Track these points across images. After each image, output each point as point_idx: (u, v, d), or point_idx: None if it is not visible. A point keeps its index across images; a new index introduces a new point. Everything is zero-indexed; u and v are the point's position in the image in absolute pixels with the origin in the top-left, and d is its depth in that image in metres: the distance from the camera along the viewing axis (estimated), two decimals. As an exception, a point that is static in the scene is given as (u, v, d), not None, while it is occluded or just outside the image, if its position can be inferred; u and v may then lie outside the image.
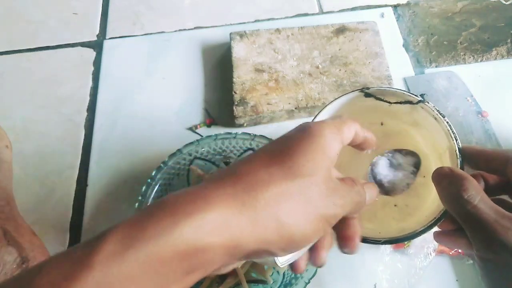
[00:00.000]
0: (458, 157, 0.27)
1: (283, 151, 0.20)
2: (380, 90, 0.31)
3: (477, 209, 0.22)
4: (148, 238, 0.16)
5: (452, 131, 0.29)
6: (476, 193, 0.23)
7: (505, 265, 0.22)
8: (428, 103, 0.30)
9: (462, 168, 0.27)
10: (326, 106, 0.32)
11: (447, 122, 0.29)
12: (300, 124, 0.22)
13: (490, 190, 0.25)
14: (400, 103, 0.31)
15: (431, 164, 0.35)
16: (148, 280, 0.16)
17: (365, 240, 0.28)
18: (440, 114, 0.30)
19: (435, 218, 0.26)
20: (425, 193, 0.34)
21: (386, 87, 0.31)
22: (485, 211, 0.22)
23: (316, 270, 0.34)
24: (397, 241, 0.27)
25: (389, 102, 0.32)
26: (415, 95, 0.31)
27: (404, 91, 0.31)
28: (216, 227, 0.17)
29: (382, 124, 0.36)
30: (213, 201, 0.17)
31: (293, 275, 0.35)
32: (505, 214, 0.22)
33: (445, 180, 0.25)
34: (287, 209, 0.18)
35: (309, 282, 0.34)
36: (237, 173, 0.19)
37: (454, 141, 0.28)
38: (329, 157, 0.21)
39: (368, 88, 0.31)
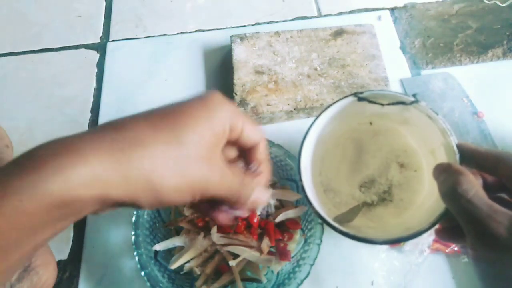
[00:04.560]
0: (456, 152, 0.28)
1: (175, 117, 0.21)
2: (373, 94, 0.32)
3: (471, 203, 0.23)
4: (11, 193, 0.16)
5: (448, 128, 0.30)
6: (470, 187, 0.24)
7: (496, 258, 0.23)
8: (421, 102, 0.31)
9: (461, 163, 0.28)
10: (323, 112, 0.33)
11: (442, 120, 0.30)
12: (203, 94, 0.23)
13: (488, 188, 0.26)
14: (393, 104, 0.32)
15: (421, 159, 0.36)
16: (16, 231, 0.17)
17: (372, 241, 0.28)
18: (434, 112, 0.30)
19: (439, 215, 0.27)
20: (418, 186, 0.35)
21: (378, 90, 0.32)
22: (478, 205, 0.23)
23: (309, 271, 0.35)
24: (404, 239, 0.28)
25: (382, 104, 0.33)
26: (408, 96, 0.31)
27: (396, 93, 0.32)
28: (86, 181, 0.17)
29: (371, 123, 0.37)
30: (86, 155, 0.18)
31: (286, 275, 0.36)
32: (498, 209, 0.22)
33: (442, 175, 0.26)
34: (160, 172, 0.19)
35: (301, 283, 0.34)
36: (118, 128, 0.19)
37: (451, 137, 0.29)
38: (216, 135, 0.22)
39: (361, 93, 0.32)
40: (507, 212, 0.22)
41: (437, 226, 0.28)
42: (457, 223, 0.25)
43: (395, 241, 0.28)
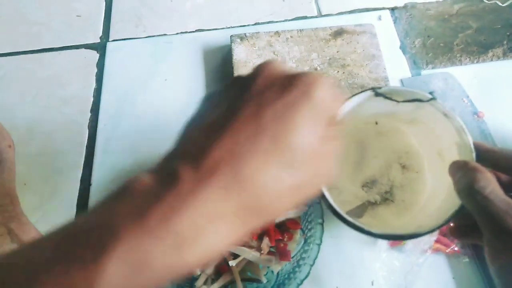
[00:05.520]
0: (473, 151, 0.28)
1: (286, 143, 0.18)
2: (390, 90, 0.32)
3: (488, 200, 0.23)
4: (153, 269, 0.16)
5: (464, 127, 0.29)
6: (487, 184, 0.24)
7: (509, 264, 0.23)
8: (438, 100, 0.31)
9: (477, 161, 0.28)
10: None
11: (459, 118, 0.30)
12: (302, 80, 0.19)
13: (503, 188, 0.26)
14: (408, 101, 0.32)
15: (423, 160, 0.36)
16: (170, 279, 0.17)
17: (383, 236, 0.28)
18: (451, 110, 0.30)
19: (454, 211, 0.27)
20: (419, 188, 0.35)
21: (396, 86, 0.32)
22: (495, 202, 0.23)
23: (309, 272, 0.35)
24: (418, 236, 0.28)
25: (397, 101, 0.33)
26: (425, 93, 0.31)
27: (414, 90, 0.32)
28: (228, 242, 0.18)
29: (376, 123, 0.37)
30: (226, 222, 0.18)
31: (286, 275, 0.36)
32: None
33: (459, 172, 0.26)
34: (277, 206, 0.19)
35: (301, 283, 0.34)
36: (243, 186, 0.18)
37: (468, 136, 0.29)
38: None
39: (379, 88, 0.32)
40: None
41: (449, 224, 0.28)
42: (471, 221, 0.25)
43: (412, 237, 0.28)
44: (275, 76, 0.20)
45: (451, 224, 0.28)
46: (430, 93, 0.31)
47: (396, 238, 0.28)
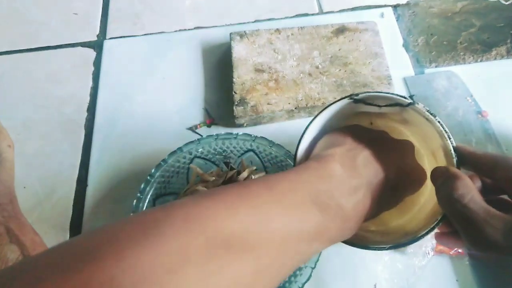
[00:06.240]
0: (454, 156, 0.28)
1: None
2: (369, 96, 0.31)
3: (467, 208, 0.23)
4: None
5: (445, 131, 0.29)
6: (466, 192, 0.23)
7: (492, 262, 0.23)
8: (418, 104, 0.30)
9: (458, 167, 0.27)
10: (318, 114, 0.32)
11: (439, 122, 0.29)
12: None
13: (489, 191, 0.26)
14: (390, 105, 0.31)
15: (424, 159, 0.35)
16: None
17: (369, 247, 0.28)
18: (432, 114, 0.29)
19: (437, 219, 0.26)
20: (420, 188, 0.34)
21: (374, 92, 0.31)
22: (474, 210, 0.23)
23: (310, 274, 0.34)
24: (401, 245, 0.27)
25: (379, 106, 0.32)
26: (405, 98, 0.30)
27: (393, 94, 0.31)
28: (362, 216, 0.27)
29: (371, 123, 0.36)
30: (360, 191, 0.27)
31: (287, 278, 0.35)
32: (494, 214, 0.22)
33: (439, 179, 0.25)
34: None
35: (303, 286, 0.34)
36: (372, 173, 0.28)
37: (448, 140, 0.28)
38: None
39: (357, 95, 0.31)
40: (503, 217, 0.22)
41: (436, 231, 0.27)
42: (453, 228, 0.25)
43: (393, 248, 0.28)
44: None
45: (437, 230, 0.27)
46: (410, 96, 0.30)
47: (376, 249, 0.28)
